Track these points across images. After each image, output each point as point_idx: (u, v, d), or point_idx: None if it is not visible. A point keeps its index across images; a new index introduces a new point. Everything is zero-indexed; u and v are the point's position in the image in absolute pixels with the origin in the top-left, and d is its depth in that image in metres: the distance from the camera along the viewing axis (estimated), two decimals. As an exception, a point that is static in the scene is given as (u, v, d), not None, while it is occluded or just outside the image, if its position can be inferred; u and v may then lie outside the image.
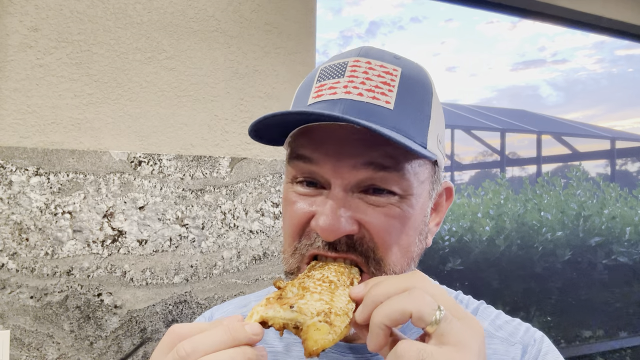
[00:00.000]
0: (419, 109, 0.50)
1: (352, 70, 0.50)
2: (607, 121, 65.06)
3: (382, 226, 0.49)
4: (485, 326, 0.60)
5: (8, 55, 1.16)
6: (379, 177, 0.49)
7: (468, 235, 2.59)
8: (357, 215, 0.49)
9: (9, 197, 1.15)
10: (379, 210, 0.49)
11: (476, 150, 10.14)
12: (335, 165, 0.49)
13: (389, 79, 0.50)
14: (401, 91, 0.49)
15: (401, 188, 0.50)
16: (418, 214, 0.52)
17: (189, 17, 1.34)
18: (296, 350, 0.60)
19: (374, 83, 0.49)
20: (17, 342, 1.14)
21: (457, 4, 2.13)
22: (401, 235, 0.51)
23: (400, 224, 0.50)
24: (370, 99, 0.48)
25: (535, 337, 0.59)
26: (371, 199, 0.50)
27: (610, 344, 2.93)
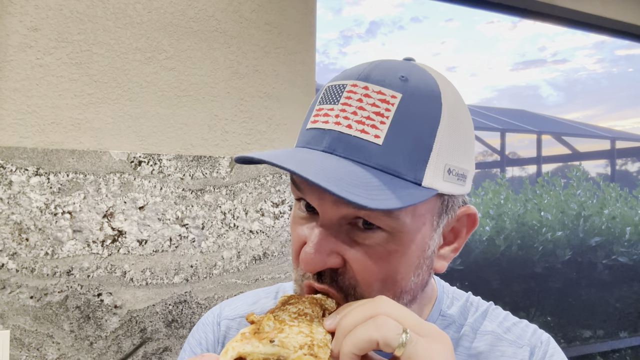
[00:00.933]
0: (415, 141, 0.47)
1: (347, 97, 0.48)
2: (607, 121, 65.05)
3: (364, 265, 0.48)
4: (493, 328, 0.61)
5: (8, 55, 1.16)
6: (363, 213, 0.47)
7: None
8: (342, 251, 0.48)
9: (9, 197, 1.15)
10: (364, 249, 0.48)
11: (476, 150, 10.13)
12: (319, 199, 0.48)
13: (384, 108, 0.47)
14: (395, 123, 0.46)
15: (388, 226, 0.48)
16: (412, 250, 0.50)
17: (189, 17, 1.34)
18: None
19: (366, 113, 0.47)
20: (17, 342, 1.14)
21: (457, 4, 2.13)
22: (387, 273, 0.49)
23: (387, 263, 0.49)
24: (359, 132, 0.46)
25: (542, 339, 0.61)
26: (358, 235, 0.49)
27: (610, 344, 2.93)
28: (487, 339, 0.60)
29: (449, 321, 0.61)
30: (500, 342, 0.60)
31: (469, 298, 0.65)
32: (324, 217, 0.49)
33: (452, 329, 0.61)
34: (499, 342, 0.60)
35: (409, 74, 0.49)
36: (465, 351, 0.60)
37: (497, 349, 0.59)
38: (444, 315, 0.62)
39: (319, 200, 0.49)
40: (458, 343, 0.60)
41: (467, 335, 0.61)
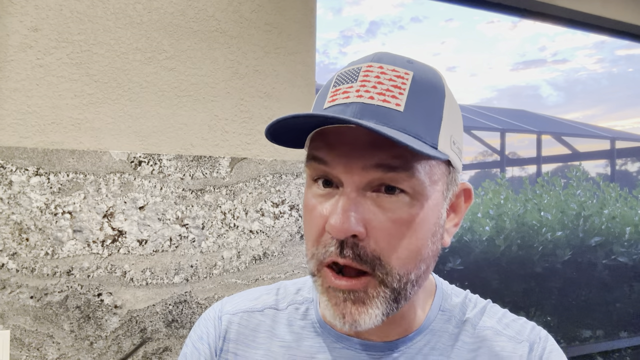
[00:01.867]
0: (429, 110, 0.51)
1: (365, 75, 0.52)
2: (607, 121, 65.07)
3: (388, 231, 0.50)
4: (492, 324, 0.62)
5: (8, 55, 1.16)
6: (389, 177, 0.50)
7: (468, 235, 2.59)
8: (367, 218, 0.50)
9: (9, 197, 1.15)
10: (387, 215, 0.50)
11: (476, 150, 10.15)
12: (347, 166, 0.50)
13: (400, 82, 0.51)
14: (412, 94, 0.51)
15: (412, 187, 0.50)
16: (430, 216, 0.52)
17: (189, 17, 1.34)
18: (306, 343, 0.61)
19: (385, 87, 0.51)
20: (17, 342, 1.14)
21: (457, 4, 2.13)
22: (410, 239, 0.51)
23: (409, 228, 0.51)
24: (381, 102, 0.50)
25: (541, 335, 0.61)
26: (383, 200, 0.51)
27: (610, 344, 2.93)
28: (486, 334, 0.61)
29: (448, 315, 0.62)
30: (499, 337, 0.61)
31: (467, 295, 0.66)
32: (350, 185, 0.50)
33: (452, 324, 0.62)
34: (498, 337, 0.61)
35: (412, 59, 0.55)
36: (465, 346, 0.60)
37: (496, 344, 0.60)
38: (443, 310, 0.62)
39: (346, 168, 0.50)
40: (458, 337, 0.61)
41: (467, 330, 0.61)
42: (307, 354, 0.60)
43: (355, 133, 0.50)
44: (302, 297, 0.65)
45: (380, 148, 0.49)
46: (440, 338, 0.60)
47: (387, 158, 0.49)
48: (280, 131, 0.53)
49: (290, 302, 0.65)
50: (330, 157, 0.51)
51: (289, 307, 0.65)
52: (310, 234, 0.54)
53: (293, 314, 0.64)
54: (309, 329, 0.62)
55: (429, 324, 0.61)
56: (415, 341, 0.59)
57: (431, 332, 0.60)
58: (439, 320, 0.61)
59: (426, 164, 0.51)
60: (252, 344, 0.63)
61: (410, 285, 0.53)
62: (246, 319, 0.65)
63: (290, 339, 0.62)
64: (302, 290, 0.66)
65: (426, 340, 0.60)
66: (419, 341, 0.60)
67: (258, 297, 0.68)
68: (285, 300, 0.66)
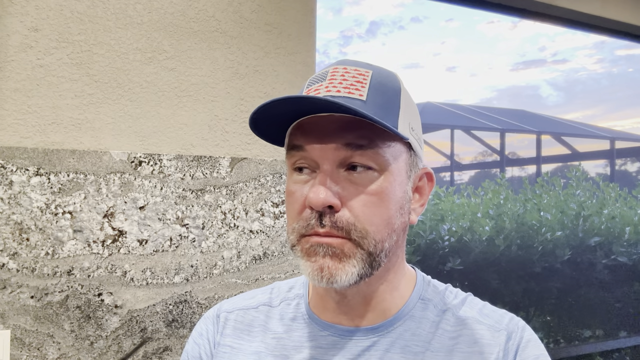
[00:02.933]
0: (388, 100, 0.60)
1: (332, 75, 0.61)
2: (607, 121, 65.07)
3: (361, 202, 0.57)
4: (473, 314, 0.65)
5: (8, 55, 1.17)
6: (357, 155, 0.57)
7: (468, 235, 2.59)
8: (340, 191, 0.57)
9: (9, 197, 1.15)
10: (359, 189, 0.58)
11: (476, 150, 10.15)
12: (321, 149, 0.58)
13: (362, 78, 0.60)
14: (372, 87, 0.59)
15: (377, 163, 0.58)
16: (397, 190, 0.60)
17: (189, 18, 1.34)
18: (296, 334, 0.66)
19: (349, 82, 0.59)
20: (17, 342, 1.14)
21: (457, 5, 2.13)
22: (380, 209, 0.58)
23: (379, 199, 0.58)
24: (347, 94, 0.58)
25: (519, 325, 0.64)
26: (353, 177, 0.58)
27: (610, 344, 2.93)
28: (466, 323, 0.64)
29: (428, 304, 0.66)
30: (478, 325, 0.64)
31: (448, 287, 0.70)
32: (325, 164, 0.58)
33: (431, 312, 0.65)
34: (478, 325, 0.64)
35: (372, 64, 0.63)
36: (446, 334, 0.63)
37: (476, 332, 0.63)
38: (423, 298, 0.66)
39: (321, 150, 0.58)
40: (438, 325, 0.64)
41: (447, 319, 0.64)
42: (296, 343, 0.65)
43: (326, 120, 0.58)
44: (293, 293, 0.71)
45: (348, 130, 0.57)
46: (421, 324, 0.64)
47: (355, 138, 0.57)
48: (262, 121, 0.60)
49: (283, 299, 0.71)
50: (307, 142, 0.59)
51: (282, 303, 0.70)
52: (291, 212, 0.61)
53: (285, 309, 0.69)
54: (298, 321, 0.67)
55: (408, 311, 0.64)
56: (395, 326, 0.63)
57: (411, 318, 0.64)
58: (418, 307, 0.65)
59: (389, 145, 0.59)
60: (246, 337, 0.69)
61: (384, 253, 0.59)
62: (242, 315, 0.71)
63: (282, 330, 0.67)
64: (294, 287, 0.72)
65: (406, 326, 0.63)
66: (399, 326, 0.63)
67: (253, 296, 0.73)
68: (278, 298, 0.71)
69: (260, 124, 0.61)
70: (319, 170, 0.58)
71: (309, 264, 0.58)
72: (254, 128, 0.61)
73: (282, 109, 0.58)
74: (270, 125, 0.61)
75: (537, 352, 0.62)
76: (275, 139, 0.64)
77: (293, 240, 0.60)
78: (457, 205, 2.78)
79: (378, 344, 0.62)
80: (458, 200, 2.89)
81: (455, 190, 3.08)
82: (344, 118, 0.57)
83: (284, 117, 0.60)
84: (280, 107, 0.57)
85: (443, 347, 0.62)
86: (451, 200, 2.84)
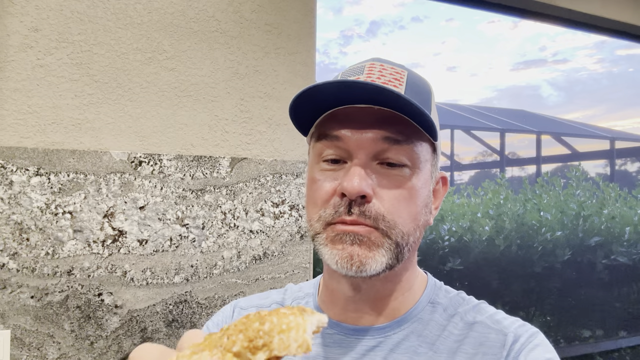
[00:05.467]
0: (423, 100, 0.60)
1: (370, 69, 0.61)
2: (607, 121, 64.95)
3: (392, 195, 0.58)
4: (482, 319, 0.64)
5: (9, 55, 1.17)
6: (393, 149, 0.58)
7: (468, 235, 2.59)
8: (373, 183, 0.58)
9: (9, 197, 1.15)
10: (390, 181, 0.58)
11: (476, 150, 10.15)
12: (359, 139, 0.58)
13: (399, 76, 0.60)
14: (408, 85, 0.60)
15: (410, 160, 0.59)
16: (423, 188, 0.61)
17: (189, 18, 1.34)
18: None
19: (387, 78, 0.59)
20: (17, 342, 1.14)
21: (458, 4, 2.13)
22: (409, 204, 0.59)
23: (409, 194, 0.59)
24: (387, 84, 0.58)
25: (531, 331, 0.62)
26: (386, 170, 0.58)
27: (610, 344, 2.94)
28: (473, 327, 0.63)
29: (437, 307, 0.65)
30: (486, 329, 0.62)
31: (460, 293, 0.69)
32: (361, 155, 0.58)
33: (440, 315, 0.64)
34: (485, 329, 0.62)
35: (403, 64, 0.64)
36: (452, 336, 0.62)
37: (481, 335, 0.62)
38: (433, 302, 0.66)
39: (357, 141, 0.58)
40: (445, 328, 0.63)
41: (455, 323, 0.63)
42: None
43: (364, 112, 0.58)
44: (303, 292, 0.72)
45: (386, 124, 0.57)
46: (427, 326, 0.63)
47: (393, 132, 0.57)
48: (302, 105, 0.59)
49: (294, 298, 0.72)
50: (344, 132, 0.58)
51: (293, 302, 0.71)
52: (316, 200, 0.60)
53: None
54: None
55: (416, 313, 0.64)
56: (402, 328, 0.63)
57: (418, 320, 0.63)
58: (427, 310, 0.65)
59: (421, 144, 0.60)
60: None
61: (408, 247, 0.60)
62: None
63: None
64: (304, 288, 0.73)
65: (413, 328, 0.63)
66: (405, 328, 0.63)
67: (268, 296, 0.75)
68: (290, 297, 0.72)
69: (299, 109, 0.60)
70: (352, 160, 0.58)
71: (336, 252, 0.57)
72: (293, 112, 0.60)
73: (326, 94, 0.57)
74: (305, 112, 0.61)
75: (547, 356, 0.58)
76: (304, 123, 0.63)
77: (317, 228, 0.59)
78: (457, 205, 2.78)
79: (383, 344, 0.62)
80: (458, 200, 2.89)
81: (455, 190, 3.09)
82: (382, 111, 0.57)
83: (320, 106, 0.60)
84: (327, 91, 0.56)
85: (447, 349, 0.61)
86: (451, 200, 2.84)
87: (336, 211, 0.57)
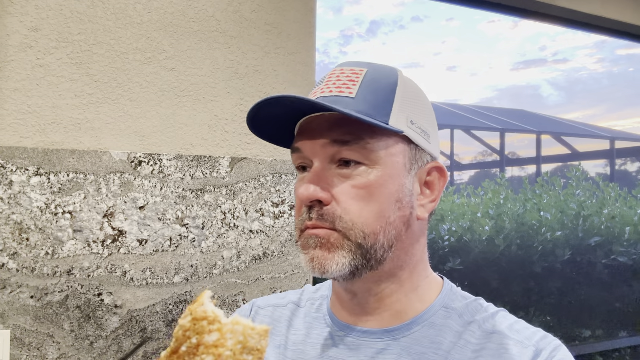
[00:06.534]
0: (380, 96, 0.61)
1: (329, 78, 0.63)
2: (607, 121, 64.85)
3: (347, 195, 0.59)
4: (502, 329, 0.61)
5: (8, 55, 1.17)
6: (345, 150, 0.59)
7: (468, 235, 2.59)
8: (329, 187, 0.60)
9: (9, 197, 1.15)
10: (347, 182, 0.59)
11: (476, 150, 10.15)
12: (312, 146, 0.61)
13: (355, 77, 0.62)
14: (363, 85, 0.61)
15: (365, 158, 0.59)
16: (389, 183, 0.60)
17: (189, 18, 1.34)
18: (315, 332, 0.68)
19: (342, 82, 0.62)
20: (17, 342, 1.14)
21: (458, 4, 2.13)
22: (369, 202, 0.59)
23: (368, 192, 0.59)
24: (338, 93, 0.61)
25: (553, 344, 0.59)
26: (342, 172, 0.60)
27: (610, 343, 2.93)
28: (492, 338, 0.60)
29: (452, 313, 0.63)
30: (506, 340, 0.59)
31: (478, 299, 0.66)
32: (316, 161, 0.60)
33: (455, 322, 0.62)
34: (505, 340, 0.59)
35: (373, 63, 0.65)
36: (469, 346, 0.60)
37: (501, 347, 0.59)
38: (447, 307, 0.64)
39: (311, 149, 0.61)
40: (461, 336, 0.60)
41: (472, 332, 0.61)
42: (315, 341, 0.67)
43: (318, 120, 0.61)
44: (319, 295, 0.73)
45: (335, 128, 0.59)
46: (441, 333, 0.61)
47: (341, 134, 0.59)
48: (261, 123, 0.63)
49: (309, 299, 0.73)
50: (301, 144, 0.62)
51: (307, 303, 0.73)
52: (295, 211, 0.64)
53: (309, 309, 0.72)
54: (320, 321, 0.69)
55: (428, 317, 0.62)
56: (413, 331, 0.62)
57: (431, 325, 0.62)
58: (440, 315, 0.62)
59: (380, 139, 0.60)
60: (273, 331, 0.72)
61: (380, 247, 0.59)
62: (271, 312, 0.75)
63: (303, 328, 0.70)
64: (321, 289, 0.74)
65: (425, 332, 0.61)
66: (417, 332, 0.61)
67: (285, 296, 0.77)
68: (306, 299, 0.74)
69: (261, 126, 0.64)
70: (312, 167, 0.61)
71: (304, 257, 0.60)
72: (253, 129, 0.64)
73: (274, 111, 0.61)
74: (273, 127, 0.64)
75: None
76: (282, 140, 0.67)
77: (296, 237, 0.63)
78: (457, 205, 2.78)
79: (392, 347, 0.61)
80: (458, 200, 2.89)
81: (455, 190, 3.08)
82: (333, 117, 0.60)
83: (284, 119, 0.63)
84: (270, 109, 0.60)
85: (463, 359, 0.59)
86: (451, 200, 2.84)
87: (302, 218, 0.61)
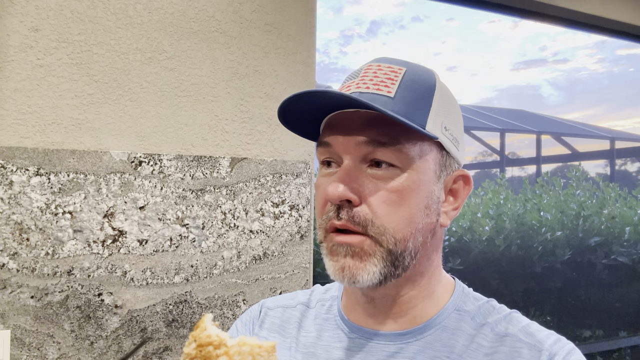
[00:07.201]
0: (419, 98, 0.59)
1: (365, 72, 0.61)
2: (607, 121, 64.78)
3: (379, 198, 0.57)
4: (514, 331, 0.60)
5: (9, 55, 1.17)
6: (379, 152, 0.57)
7: (468, 235, 2.59)
8: (361, 187, 0.57)
9: (9, 197, 1.15)
10: (378, 184, 0.57)
11: (476, 150, 10.16)
12: (344, 144, 0.58)
13: (393, 75, 0.59)
14: (402, 84, 0.59)
15: (399, 161, 0.57)
16: (421, 189, 0.58)
17: (189, 18, 1.34)
18: (326, 334, 0.67)
19: (380, 79, 0.59)
20: (17, 342, 1.14)
21: (458, 4, 2.13)
22: (400, 206, 0.57)
23: (399, 196, 0.57)
24: (375, 90, 0.58)
25: (566, 348, 0.58)
26: (374, 173, 0.58)
27: (610, 343, 2.93)
28: (505, 341, 0.59)
29: (464, 316, 0.62)
30: (519, 344, 0.59)
31: (490, 301, 0.65)
32: (347, 159, 0.58)
33: (468, 324, 0.61)
34: (518, 344, 0.59)
35: (410, 62, 0.63)
36: (481, 349, 0.59)
37: (514, 350, 0.58)
38: (459, 310, 0.63)
39: (343, 146, 0.58)
40: (473, 339, 0.60)
41: (485, 335, 0.60)
42: (325, 343, 0.66)
43: (352, 117, 0.58)
44: (329, 295, 0.72)
45: (371, 127, 0.57)
46: (454, 336, 0.60)
47: (377, 135, 0.57)
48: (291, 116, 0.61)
49: (319, 300, 0.72)
50: (332, 139, 0.59)
51: (317, 304, 0.71)
52: (318, 207, 0.61)
53: (319, 310, 0.70)
54: (330, 322, 0.68)
55: (441, 321, 0.62)
56: (425, 334, 0.61)
57: (443, 328, 0.61)
58: (452, 318, 0.62)
59: (414, 143, 0.58)
60: (282, 333, 0.71)
61: (407, 253, 0.58)
62: (281, 312, 0.74)
63: (314, 330, 0.68)
64: (330, 290, 0.73)
65: (437, 336, 0.61)
66: (429, 335, 0.61)
67: (294, 296, 0.76)
68: (315, 299, 0.73)
69: (291, 118, 0.62)
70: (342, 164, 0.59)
71: (332, 263, 0.58)
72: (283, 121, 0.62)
73: (308, 104, 0.58)
74: (302, 120, 0.62)
75: None
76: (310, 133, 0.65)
77: (320, 237, 0.61)
78: (457, 205, 2.77)
79: (404, 350, 0.60)
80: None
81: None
82: (368, 114, 0.57)
83: (315, 113, 0.61)
84: (305, 101, 0.58)
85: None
86: (451, 200, 2.83)
87: (327, 217, 0.58)
